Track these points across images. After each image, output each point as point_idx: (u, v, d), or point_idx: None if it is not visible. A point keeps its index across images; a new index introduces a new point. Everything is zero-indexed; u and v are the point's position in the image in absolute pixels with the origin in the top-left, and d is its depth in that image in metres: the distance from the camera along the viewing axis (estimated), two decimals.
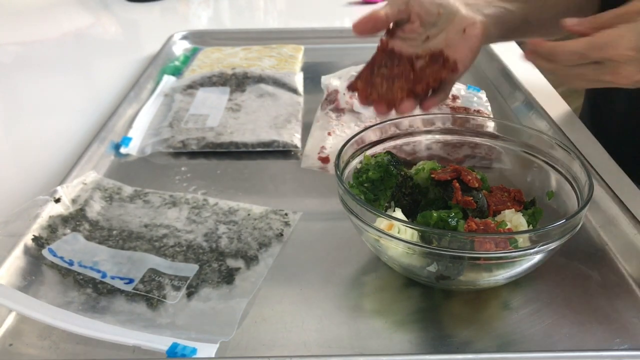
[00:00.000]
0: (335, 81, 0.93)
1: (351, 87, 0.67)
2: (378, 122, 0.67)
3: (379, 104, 0.65)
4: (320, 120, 0.87)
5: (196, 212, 0.67)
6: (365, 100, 0.66)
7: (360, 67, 0.95)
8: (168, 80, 0.99)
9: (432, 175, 0.60)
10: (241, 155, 0.80)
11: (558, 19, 0.68)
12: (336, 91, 0.90)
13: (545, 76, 1.04)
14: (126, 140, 0.81)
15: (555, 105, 0.93)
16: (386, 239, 0.53)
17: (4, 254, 0.58)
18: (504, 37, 0.73)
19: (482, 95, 0.91)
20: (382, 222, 0.53)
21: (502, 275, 0.54)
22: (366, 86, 0.66)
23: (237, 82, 0.96)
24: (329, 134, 0.83)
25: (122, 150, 0.80)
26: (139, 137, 0.84)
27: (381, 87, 0.65)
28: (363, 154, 0.64)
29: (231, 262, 0.59)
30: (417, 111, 0.71)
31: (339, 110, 0.88)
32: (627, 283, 0.58)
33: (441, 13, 0.66)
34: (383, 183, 0.60)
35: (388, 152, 0.63)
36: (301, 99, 0.94)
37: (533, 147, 0.65)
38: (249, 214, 0.66)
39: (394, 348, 0.51)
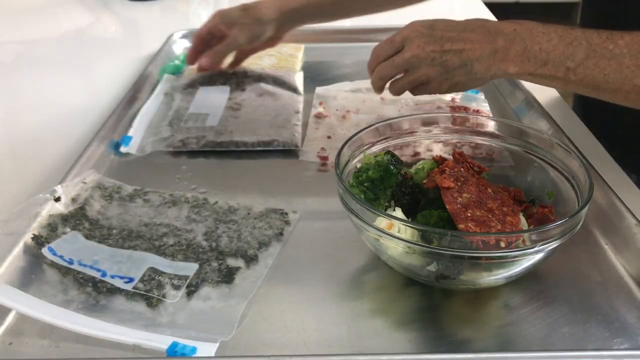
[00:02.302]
0: (332, 101, 0.92)
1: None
2: (378, 122, 0.67)
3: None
4: (318, 123, 0.87)
5: (196, 211, 0.67)
6: None
7: (359, 83, 0.95)
8: (168, 79, 0.99)
9: (424, 181, 0.60)
10: (241, 154, 0.80)
11: None
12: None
13: None
14: (126, 139, 0.81)
15: (555, 105, 0.93)
16: (386, 238, 0.53)
17: (3, 252, 0.58)
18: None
19: (481, 96, 0.91)
20: (382, 222, 0.53)
21: (502, 275, 0.54)
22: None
23: (237, 81, 0.96)
24: (329, 137, 0.83)
25: (122, 149, 0.80)
26: (139, 135, 0.83)
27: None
28: (363, 153, 0.64)
29: (231, 261, 0.59)
30: (417, 111, 0.71)
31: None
32: (627, 283, 0.58)
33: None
34: (383, 182, 0.60)
35: (388, 152, 0.63)
36: (301, 98, 0.94)
37: (533, 147, 0.65)
38: (248, 213, 0.66)
39: (394, 347, 0.51)
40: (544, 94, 0.94)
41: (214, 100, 0.91)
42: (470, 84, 0.71)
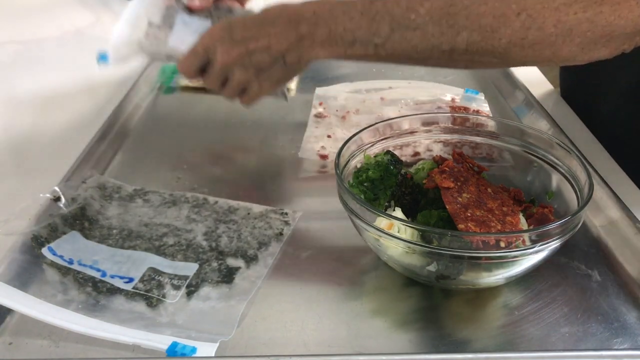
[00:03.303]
0: (332, 102, 0.92)
1: None
2: (377, 122, 0.67)
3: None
4: (318, 122, 0.87)
5: (196, 211, 0.67)
6: None
7: (359, 84, 0.92)
8: None
9: (424, 181, 0.60)
10: (241, 155, 0.80)
11: None
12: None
13: (546, 76, 1.04)
14: (104, 57, 0.77)
15: (556, 105, 0.93)
16: (386, 238, 0.53)
17: (3, 252, 0.58)
18: None
19: (481, 96, 0.91)
20: (382, 222, 0.53)
21: (502, 275, 0.54)
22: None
23: (219, 16, 0.88)
24: (329, 136, 0.83)
25: (101, 65, 0.75)
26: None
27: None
28: (363, 153, 0.64)
29: (231, 261, 0.59)
30: (417, 111, 0.71)
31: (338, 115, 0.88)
32: (627, 283, 0.58)
33: None
34: (383, 182, 0.60)
35: (388, 152, 0.63)
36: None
37: (533, 147, 0.65)
38: (248, 213, 0.66)
39: (393, 347, 0.51)
40: (544, 94, 0.94)
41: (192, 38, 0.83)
42: (289, 76, 0.68)
